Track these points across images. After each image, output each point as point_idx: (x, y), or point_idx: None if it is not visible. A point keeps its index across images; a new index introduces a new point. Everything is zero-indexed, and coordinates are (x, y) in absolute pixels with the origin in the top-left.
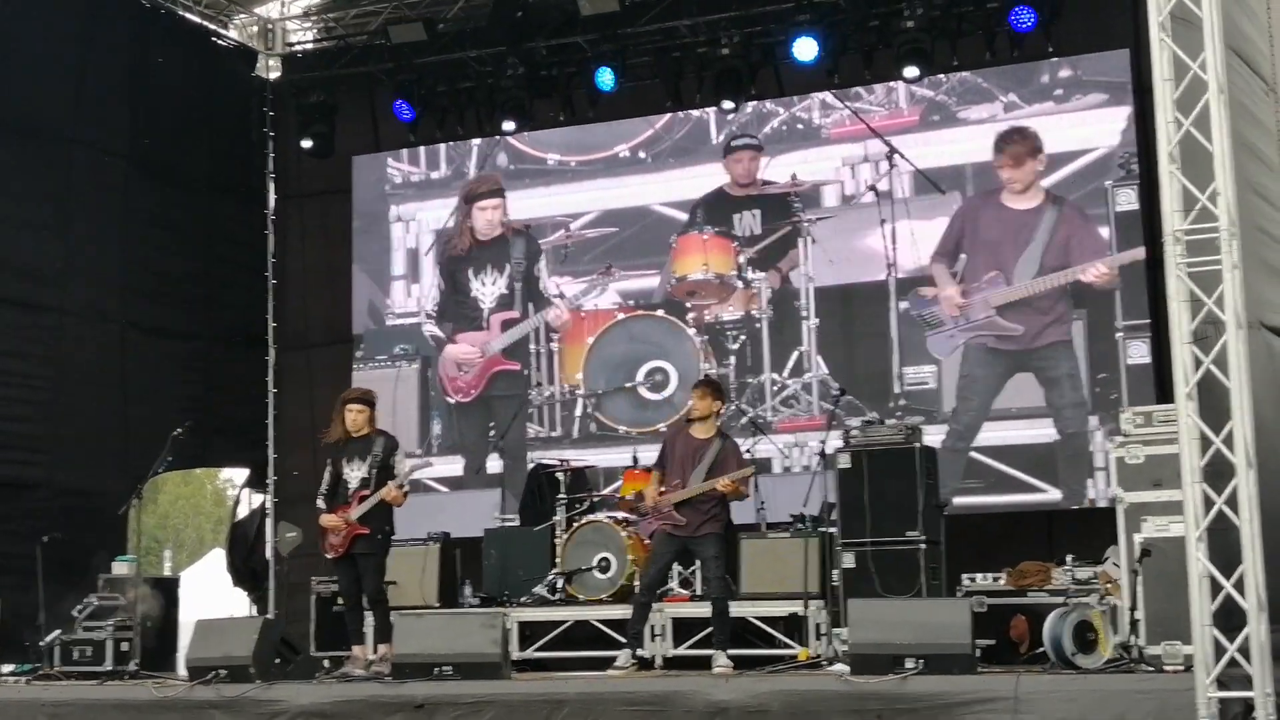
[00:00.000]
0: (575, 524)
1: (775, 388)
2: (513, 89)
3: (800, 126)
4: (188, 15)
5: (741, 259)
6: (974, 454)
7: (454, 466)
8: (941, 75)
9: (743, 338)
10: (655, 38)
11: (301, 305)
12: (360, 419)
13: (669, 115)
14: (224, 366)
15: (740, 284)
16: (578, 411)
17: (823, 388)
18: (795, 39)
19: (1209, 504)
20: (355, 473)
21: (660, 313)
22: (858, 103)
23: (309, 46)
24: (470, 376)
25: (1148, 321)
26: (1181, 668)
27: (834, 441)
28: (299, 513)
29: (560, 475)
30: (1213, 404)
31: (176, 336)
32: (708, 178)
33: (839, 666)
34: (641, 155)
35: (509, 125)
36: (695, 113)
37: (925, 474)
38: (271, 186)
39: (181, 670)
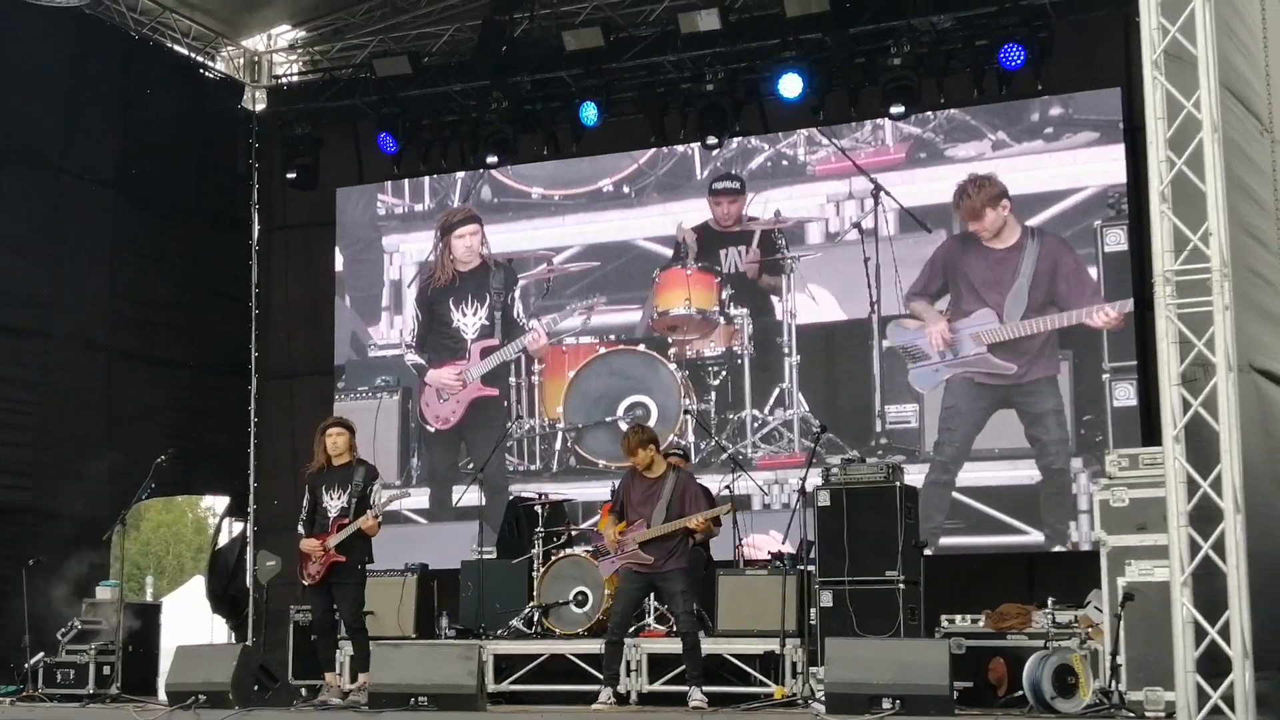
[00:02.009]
0: (552, 557)
1: (756, 424)
2: (497, 123)
3: (785, 163)
4: (176, 47)
5: (724, 294)
6: (956, 494)
7: (425, 498)
8: (929, 112)
9: (724, 373)
10: (640, 73)
11: (284, 335)
12: (341, 442)
13: (653, 150)
14: (208, 395)
15: (722, 319)
16: (558, 445)
17: (804, 425)
18: (780, 76)
19: (1195, 549)
20: (335, 501)
21: (641, 347)
22: (843, 139)
23: (294, 79)
24: (450, 404)
25: (1134, 363)
26: (1163, 714)
27: (814, 479)
28: (279, 541)
29: (538, 508)
30: (1200, 447)
31: (162, 364)
32: (691, 213)
33: (815, 706)
34: (625, 190)
35: (492, 159)
36: (680, 148)
37: (905, 513)
38: (256, 217)
39: (162, 695)
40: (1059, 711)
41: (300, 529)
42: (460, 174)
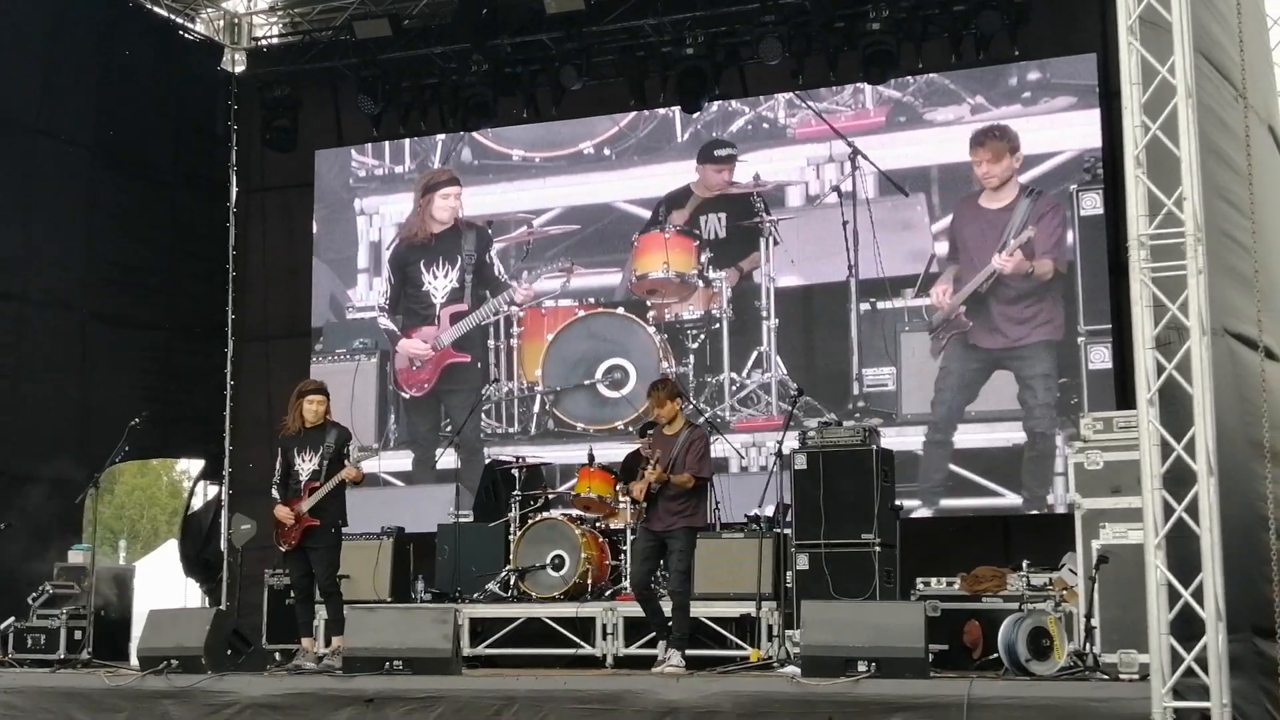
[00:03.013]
0: (529, 521)
1: (734, 387)
2: (477, 86)
3: (766, 126)
4: (155, 9)
5: (703, 258)
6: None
7: (408, 461)
8: (909, 77)
9: (702, 337)
10: (620, 37)
11: (261, 298)
12: (320, 409)
13: (634, 113)
14: (183, 358)
15: (701, 283)
16: (536, 408)
17: (781, 388)
18: (760, 40)
19: (1169, 511)
20: (307, 464)
21: (620, 310)
22: (823, 103)
23: (274, 41)
24: (423, 371)
25: (1109, 327)
26: (1136, 676)
27: (791, 442)
28: (254, 505)
29: (515, 472)
30: (1174, 410)
31: (137, 327)
32: (672, 176)
33: (790, 668)
34: (606, 152)
35: (473, 123)
36: (661, 111)
37: (882, 476)
38: (234, 180)
39: (134, 660)
40: (1033, 674)
41: (274, 492)
42: (440, 136)
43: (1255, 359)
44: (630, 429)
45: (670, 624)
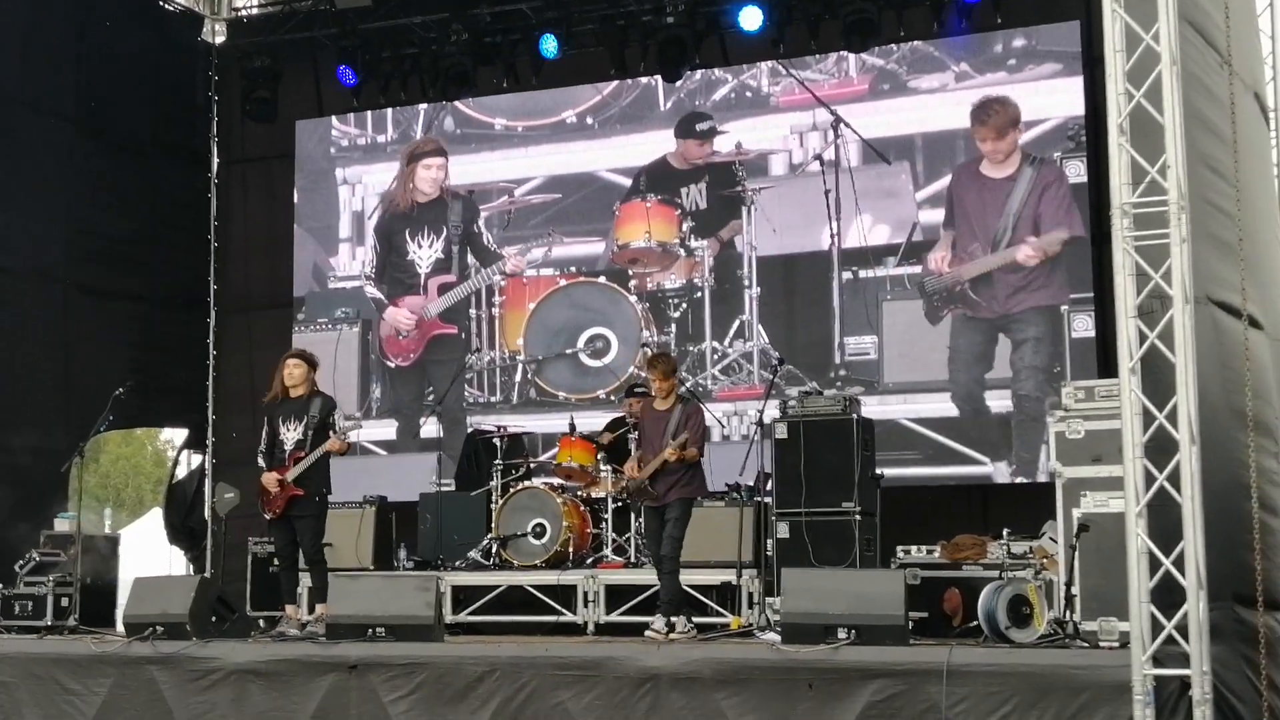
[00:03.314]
0: (511, 489)
1: (716, 356)
2: (456, 55)
3: (749, 94)
4: None
5: (685, 227)
6: (912, 424)
7: (392, 430)
8: (892, 45)
9: (684, 306)
10: (600, 5)
11: (243, 269)
12: (297, 374)
13: (617, 82)
14: (165, 328)
15: (683, 252)
16: (518, 377)
17: (763, 357)
18: (741, 8)
19: (1150, 480)
20: (291, 434)
21: (602, 279)
22: (806, 70)
23: (254, 11)
24: (408, 341)
25: (1091, 295)
26: (1117, 644)
27: (772, 411)
28: (237, 474)
29: (497, 441)
30: (1157, 379)
31: (119, 298)
32: (655, 145)
33: (770, 635)
34: (589, 121)
35: (453, 92)
36: (644, 80)
37: (862, 445)
38: (215, 150)
39: (119, 627)
40: (1014, 641)
41: (260, 460)
42: (423, 105)
43: (1239, 327)
44: (613, 398)
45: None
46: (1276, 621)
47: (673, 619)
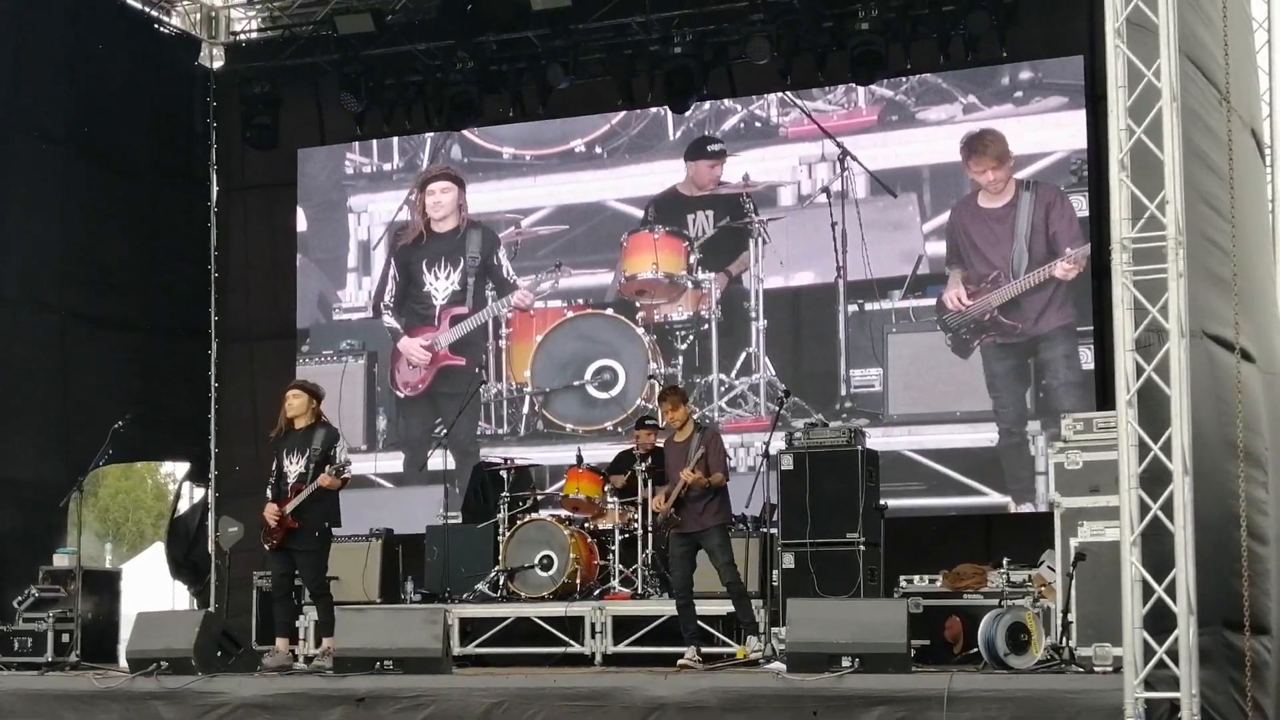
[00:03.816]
0: (518, 522)
1: (723, 388)
2: (462, 84)
3: (758, 125)
4: (130, 1)
5: (692, 259)
6: (918, 456)
7: (399, 462)
8: (900, 76)
9: (691, 338)
10: (607, 35)
11: (244, 298)
12: (297, 404)
13: (625, 111)
14: (165, 359)
15: (690, 284)
16: (525, 409)
17: (770, 389)
18: (748, 39)
19: (1145, 510)
20: (294, 467)
21: (609, 311)
22: (816, 102)
23: (253, 36)
24: (419, 371)
25: (1090, 328)
26: (1111, 669)
27: (778, 443)
28: (240, 507)
29: (503, 473)
30: (1153, 411)
31: (117, 327)
32: (664, 175)
33: (776, 664)
34: (597, 151)
35: (458, 121)
36: (652, 109)
37: (866, 476)
38: (214, 177)
39: (123, 662)
40: (1012, 668)
41: (268, 493)
42: (429, 134)
43: (1232, 361)
44: (620, 429)
45: (695, 625)
46: (1263, 646)
47: (749, 638)
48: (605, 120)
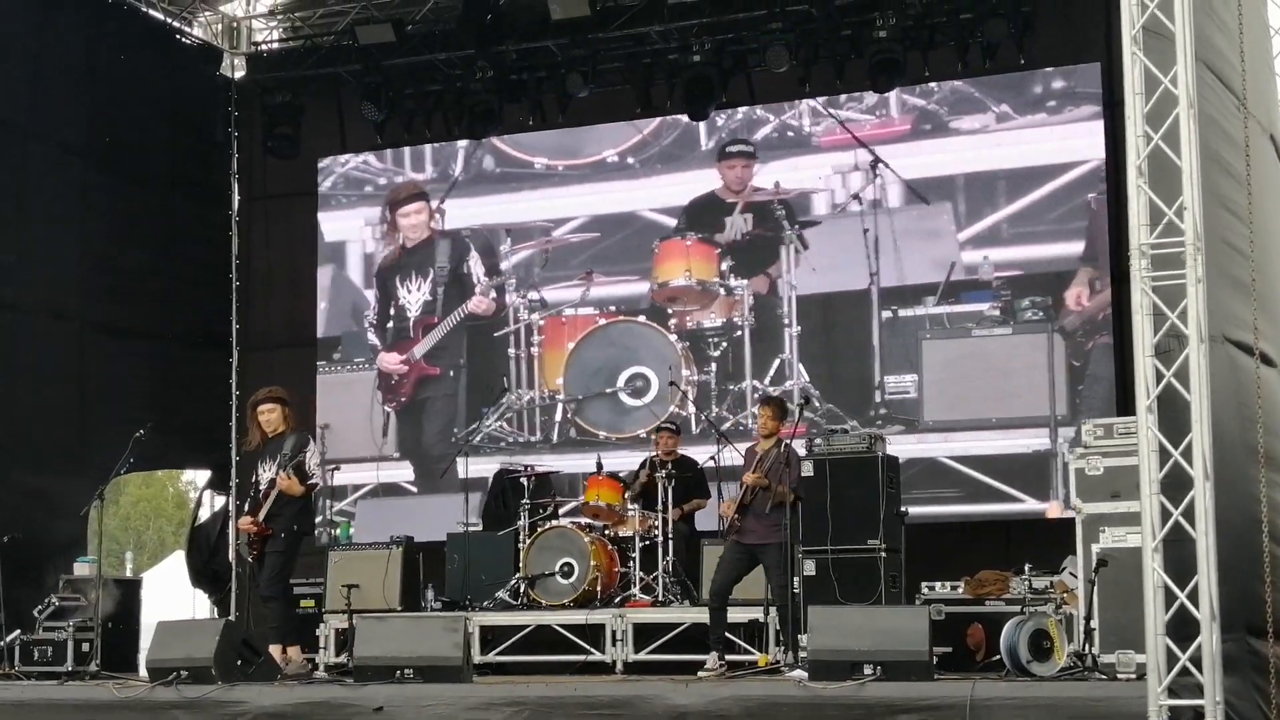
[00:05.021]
0: (539, 529)
1: (756, 395)
2: (482, 93)
3: (790, 134)
4: (150, 12)
5: (724, 265)
6: (952, 463)
7: (410, 472)
8: (933, 84)
9: (724, 344)
10: (626, 43)
11: (264, 307)
12: (274, 418)
13: (658, 120)
14: (185, 367)
15: (722, 291)
16: (557, 417)
17: (804, 395)
18: (767, 47)
19: (1166, 515)
20: (265, 474)
21: (641, 318)
22: (848, 110)
23: (275, 46)
24: (401, 385)
25: (1111, 333)
26: (1134, 676)
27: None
28: None
29: (524, 480)
30: (1173, 417)
31: (136, 336)
32: (696, 184)
33: (797, 672)
34: (630, 160)
35: (479, 130)
36: (684, 118)
37: (887, 483)
38: (235, 187)
39: (143, 671)
40: (1034, 675)
41: (245, 506)
42: (462, 143)
43: (1252, 365)
44: (652, 436)
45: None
46: None
47: (788, 653)
48: (637, 130)
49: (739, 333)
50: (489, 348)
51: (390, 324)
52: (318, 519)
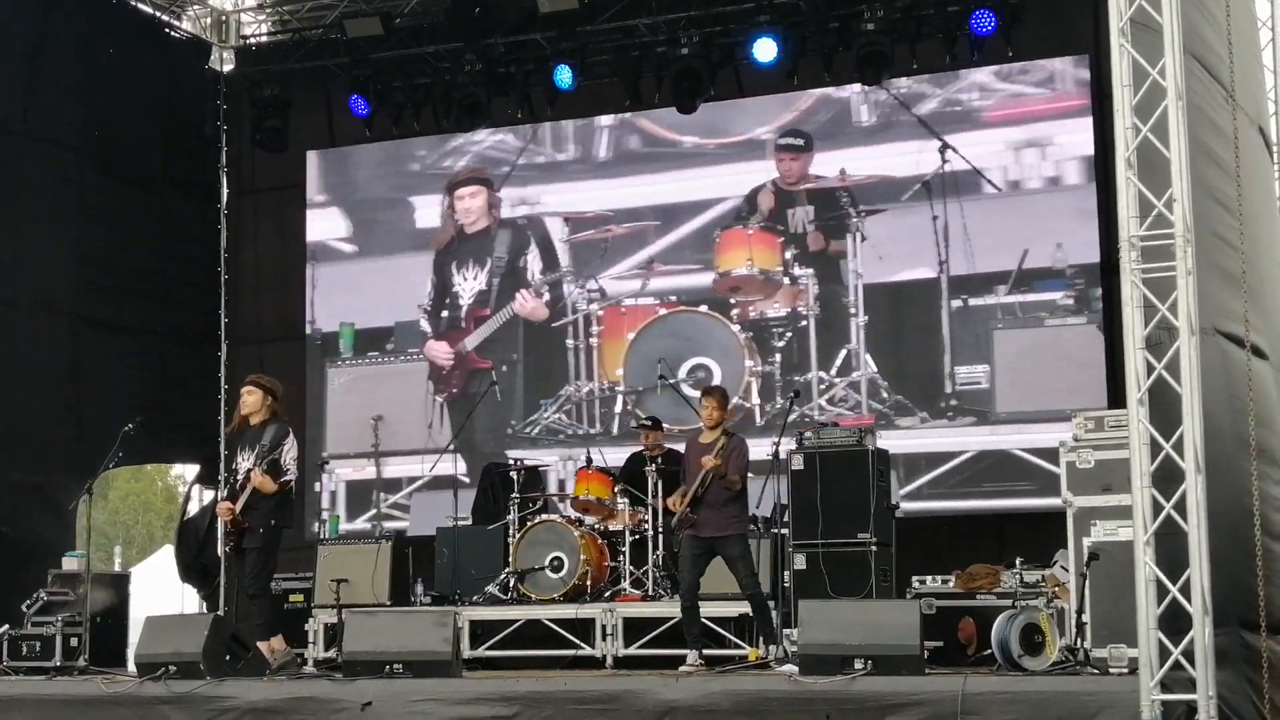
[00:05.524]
0: (528, 523)
1: (822, 386)
2: (470, 86)
3: (852, 120)
4: (140, 6)
5: (788, 254)
6: (1023, 454)
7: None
8: (906, 76)
9: (789, 335)
10: (614, 36)
11: (254, 300)
12: (251, 401)
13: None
14: (175, 362)
15: (786, 280)
16: (617, 408)
17: (872, 386)
18: (755, 40)
19: (1158, 509)
20: (244, 464)
21: (703, 309)
22: (928, 101)
23: (263, 39)
24: (453, 376)
25: (1101, 325)
26: (1126, 670)
27: (788, 444)
28: None
29: (514, 474)
30: (1164, 409)
31: (128, 331)
32: (755, 175)
33: (788, 667)
34: (693, 149)
35: (467, 123)
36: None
37: (877, 476)
38: (224, 180)
39: (131, 666)
40: (1026, 669)
41: (223, 491)
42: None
43: (1243, 357)
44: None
45: (700, 628)
46: None
47: (770, 647)
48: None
49: (804, 322)
50: (546, 339)
51: (445, 312)
52: (371, 512)
